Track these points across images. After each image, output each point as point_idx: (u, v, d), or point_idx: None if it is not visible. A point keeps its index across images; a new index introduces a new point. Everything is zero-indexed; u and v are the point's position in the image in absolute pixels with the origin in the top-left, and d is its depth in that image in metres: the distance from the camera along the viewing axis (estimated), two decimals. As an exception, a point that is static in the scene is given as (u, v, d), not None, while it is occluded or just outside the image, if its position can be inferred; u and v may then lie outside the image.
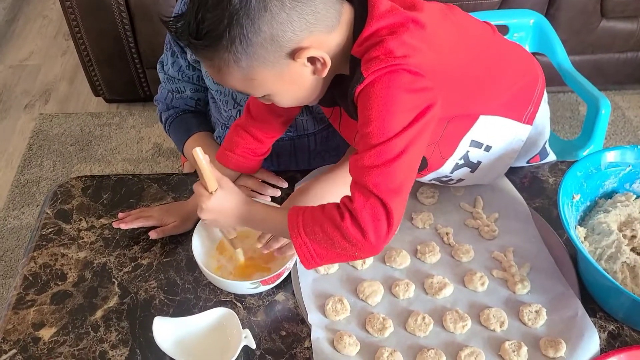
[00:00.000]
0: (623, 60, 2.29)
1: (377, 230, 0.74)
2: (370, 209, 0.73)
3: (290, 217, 0.79)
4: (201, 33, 0.71)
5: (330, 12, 0.75)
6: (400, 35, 0.75)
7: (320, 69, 0.77)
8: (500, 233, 1.03)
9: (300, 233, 0.77)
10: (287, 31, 0.72)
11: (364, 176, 0.74)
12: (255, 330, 0.89)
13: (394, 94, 0.74)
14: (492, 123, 0.97)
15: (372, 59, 0.74)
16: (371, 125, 0.75)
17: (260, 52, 0.73)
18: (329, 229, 0.75)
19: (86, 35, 2.14)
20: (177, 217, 1.02)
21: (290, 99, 0.83)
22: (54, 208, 1.08)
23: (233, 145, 1.02)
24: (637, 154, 1.00)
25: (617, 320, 0.91)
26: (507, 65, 0.97)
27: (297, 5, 0.71)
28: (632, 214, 0.98)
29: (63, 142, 2.29)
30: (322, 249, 0.77)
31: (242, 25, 0.70)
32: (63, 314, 0.92)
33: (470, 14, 0.95)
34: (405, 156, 0.75)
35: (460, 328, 0.89)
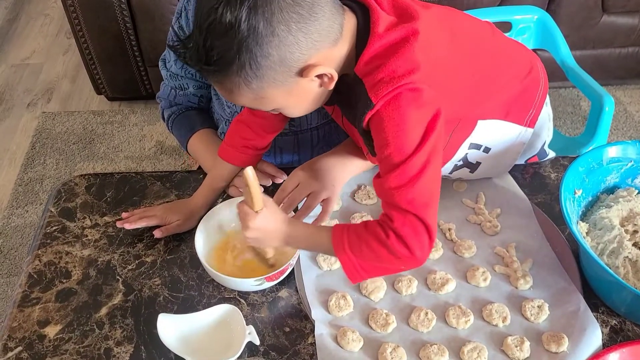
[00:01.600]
0: (624, 55, 2.29)
1: (421, 244, 0.78)
2: (410, 226, 0.77)
3: (334, 236, 0.82)
4: (211, 60, 0.72)
5: (333, 26, 0.76)
6: (402, 54, 0.76)
7: (327, 82, 0.79)
8: (503, 229, 1.03)
9: (346, 251, 0.80)
10: (294, 52, 0.73)
11: (395, 197, 0.78)
12: (259, 327, 0.90)
13: (404, 113, 0.77)
14: (492, 126, 0.98)
15: (378, 83, 0.76)
16: (389, 147, 0.77)
17: (270, 74, 0.74)
18: (376, 246, 0.79)
19: (88, 34, 2.14)
20: (181, 215, 1.03)
21: (299, 110, 0.85)
22: (58, 206, 1.08)
23: (234, 140, 1.03)
24: (638, 149, 1.00)
25: (619, 315, 0.91)
26: (507, 68, 0.98)
27: (302, 27, 0.72)
28: (634, 209, 0.98)
29: (66, 141, 2.30)
30: (368, 264, 0.81)
31: (252, 51, 0.71)
32: (68, 311, 0.92)
33: (471, 15, 0.96)
34: (429, 169, 0.78)
35: (463, 323, 0.90)
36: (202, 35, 0.71)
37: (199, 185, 1.07)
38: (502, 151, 1.03)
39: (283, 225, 0.86)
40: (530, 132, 1.03)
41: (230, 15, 0.69)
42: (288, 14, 0.70)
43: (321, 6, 0.73)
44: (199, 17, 0.72)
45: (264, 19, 0.69)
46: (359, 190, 1.10)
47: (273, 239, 0.87)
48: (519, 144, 1.04)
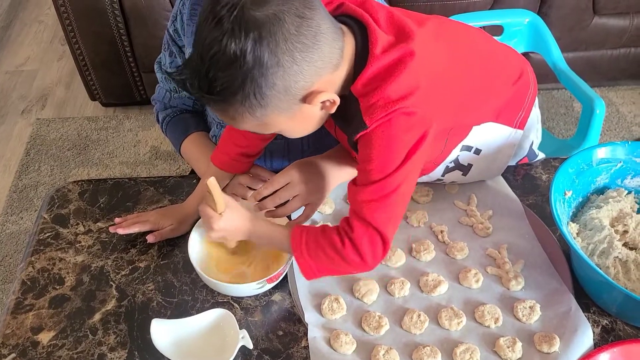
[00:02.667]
0: (616, 56, 2.30)
1: (374, 255, 0.83)
2: (368, 238, 0.81)
3: (293, 237, 0.86)
4: (214, 90, 0.72)
5: (334, 51, 0.76)
6: (397, 78, 0.78)
7: (329, 106, 0.80)
8: (494, 230, 1.04)
9: (303, 253, 0.85)
10: (299, 81, 0.73)
11: (363, 209, 0.81)
12: (252, 331, 0.90)
13: (393, 136, 0.79)
14: (483, 128, 0.99)
15: (373, 106, 0.78)
16: (372, 163, 0.80)
17: (274, 102, 0.74)
18: (331, 252, 0.83)
19: (82, 40, 2.15)
20: (174, 220, 1.03)
21: (301, 133, 0.86)
22: (51, 213, 1.09)
23: (228, 147, 1.03)
24: (627, 150, 1.01)
25: (611, 315, 0.92)
26: (499, 73, 0.99)
27: (306, 55, 0.72)
28: (623, 209, 0.99)
29: (60, 147, 2.30)
30: (323, 266, 0.86)
31: (257, 81, 0.71)
32: (61, 317, 0.92)
33: (463, 22, 0.97)
34: (401, 189, 0.81)
35: (455, 325, 0.90)
36: (204, 66, 0.71)
37: (192, 190, 1.08)
38: (493, 153, 1.04)
39: (246, 222, 0.90)
40: (520, 133, 1.04)
41: (235, 47, 0.68)
42: (292, 44, 0.70)
43: (323, 34, 0.73)
44: (200, 47, 0.71)
45: (269, 50, 0.69)
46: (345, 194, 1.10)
47: (237, 236, 0.92)
48: (510, 146, 1.05)
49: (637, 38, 2.27)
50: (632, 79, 2.49)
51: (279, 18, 0.69)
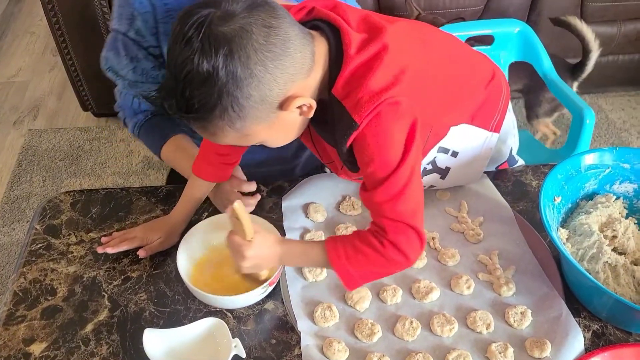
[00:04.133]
0: (605, 63, 2.33)
1: (414, 249, 0.83)
2: (402, 234, 0.81)
3: (329, 249, 0.85)
4: (192, 108, 0.73)
5: (306, 56, 0.77)
6: (377, 71, 0.78)
7: (306, 111, 0.80)
8: (485, 236, 1.05)
9: (343, 262, 0.84)
10: (274, 89, 0.74)
11: (384, 210, 0.81)
12: (245, 339, 0.90)
13: (386, 128, 0.79)
14: (460, 131, 1.01)
15: (359, 102, 0.78)
16: (373, 163, 0.80)
17: (252, 113, 0.75)
18: (373, 255, 0.82)
19: (73, 51, 2.15)
20: (162, 233, 1.03)
21: (283, 141, 0.86)
22: (43, 223, 1.08)
23: (209, 157, 1.03)
24: (615, 156, 1.02)
25: (601, 320, 0.92)
26: (472, 74, 1.01)
27: (278, 64, 0.73)
28: (612, 214, 1.00)
29: (52, 158, 2.29)
30: (365, 272, 0.85)
31: (233, 94, 0.71)
32: (53, 328, 0.92)
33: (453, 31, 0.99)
34: (413, 180, 0.81)
35: (447, 331, 0.90)
36: (179, 86, 0.71)
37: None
38: (470, 156, 1.06)
39: (277, 247, 0.88)
40: (496, 137, 1.06)
41: (207, 64, 0.69)
42: (263, 54, 0.71)
43: (292, 40, 0.74)
44: (173, 67, 0.72)
45: (240, 63, 0.70)
46: (343, 202, 1.11)
47: (270, 263, 0.90)
48: (487, 149, 1.07)
49: (625, 45, 2.30)
50: (621, 86, 2.52)
51: (246, 30, 0.70)
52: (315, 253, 0.87)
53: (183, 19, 0.71)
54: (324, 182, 1.14)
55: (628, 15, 2.22)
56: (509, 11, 2.15)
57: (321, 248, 0.86)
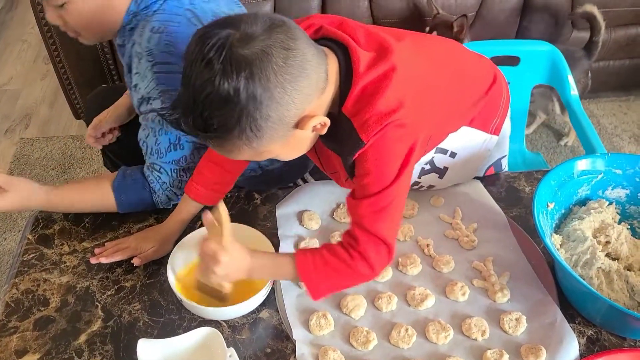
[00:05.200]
0: (596, 69, 2.34)
1: (381, 263, 0.87)
2: (374, 247, 0.85)
3: (299, 262, 0.87)
4: (210, 128, 0.73)
5: (320, 76, 0.78)
6: (385, 92, 0.80)
7: (320, 128, 0.81)
8: (480, 243, 1.05)
9: (312, 276, 0.86)
10: (291, 110, 0.75)
11: (364, 221, 0.84)
12: (240, 349, 0.90)
13: (388, 148, 0.82)
14: (459, 133, 1.02)
15: (366, 122, 0.80)
16: (369, 176, 0.83)
17: (269, 133, 0.75)
18: (341, 267, 0.86)
19: (66, 59, 2.14)
20: (155, 242, 1.02)
21: (295, 155, 0.87)
22: (35, 233, 1.08)
23: (207, 183, 1.03)
24: (607, 162, 1.02)
25: (595, 325, 0.93)
26: (475, 81, 1.02)
27: (296, 85, 0.73)
28: (605, 220, 1.01)
29: (44, 166, 2.28)
30: (331, 283, 0.88)
31: (252, 116, 0.72)
32: (46, 339, 0.91)
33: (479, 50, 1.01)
34: (399, 199, 0.85)
35: (442, 338, 0.90)
36: (198, 106, 0.71)
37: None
38: (468, 157, 1.07)
39: (248, 257, 0.89)
40: (495, 139, 1.08)
41: (229, 86, 0.69)
42: (282, 77, 0.71)
43: (309, 61, 0.75)
44: (192, 87, 0.71)
45: (261, 85, 0.70)
46: (337, 209, 1.11)
47: (239, 272, 0.89)
48: (485, 150, 1.09)
49: (615, 51, 2.32)
50: (613, 91, 2.53)
51: (267, 53, 0.70)
52: (284, 266, 0.89)
53: (202, 39, 0.71)
54: (319, 190, 1.14)
55: (618, 22, 2.23)
56: (500, 18, 2.16)
57: (290, 261, 0.87)
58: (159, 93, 0.98)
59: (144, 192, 1.06)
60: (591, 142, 1.51)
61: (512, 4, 2.15)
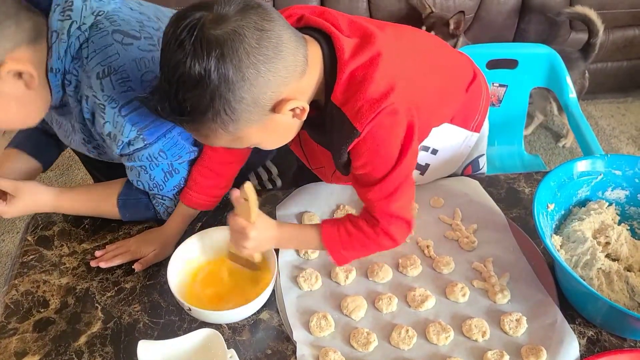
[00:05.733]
0: (593, 70, 2.35)
1: (403, 235, 0.92)
2: (395, 225, 0.89)
3: (325, 233, 0.91)
4: (185, 111, 0.73)
5: (298, 58, 0.77)
6: (373, 78, 0.79)
7: (299, 113, 0.80)
8: (480, 244, 1.05)
9: (338, 247, 0.91)
10: (267, 92, 0.74)
11: (377, 206, 0.87)
12: (241, 350, 0.90)
13: (384, 134, 0.81)
14: (441, 130, 1.03)
15: (359, 110, 0.79)
16: (370, 165, 0.85)
17: (245, 115, 0.75)
18: (366, 242, 0.90)
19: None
20: (156, 245, 1.02)
21: (276, 143, 0.87)
22: (35, 234, 1.07)
23: (197, 185, 1.03)
24: (607, 163, 1.03)
25: (596, 326, 0.93)
26: (456, 76, 1.03)
27: (270, 66, 0.73)
28: (605, 221, 1.01)
29: (43, 168, 2.27)
30: (355, 253, 0.94)
31: (225, 98, 0.71)
32: (46, 341, 0.91)
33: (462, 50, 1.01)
34: (408, 180, 0.87)
35: (443, 339, 0.90)
36: (172, 88, 0.71)
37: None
38: (449, 154, 1.09)
39: (275, 229, 0.92)
40: (476, 136, 1.09)
41: (199, 67, 0.69)
42: (255, 57, 0.71)
43: (285, 43, 0.74)
44: (166, 69, 0.72)
45: (232, 66, 0.70)
46: (337, 210, 1.11)
47: (268, 243, 0.94)
48: (466, 147, 1.10)
49: (613, 53, 2.33)
50: (610, 93, 2.54)
51: (239, 34, 0.70)
52: (311, 237, 0.93)
53: (176, 22, 0.71)
54: (318, 191, 1.14)
55: (615, 23, 2.25)
56: (498, 20, 2.17)
57: (316, 232, 0.92)
58: (137, 132, 0.94)
59: (148, 212, 1.07)
60: (589, 144, 1.51)
61: (510, 6, 2.16)
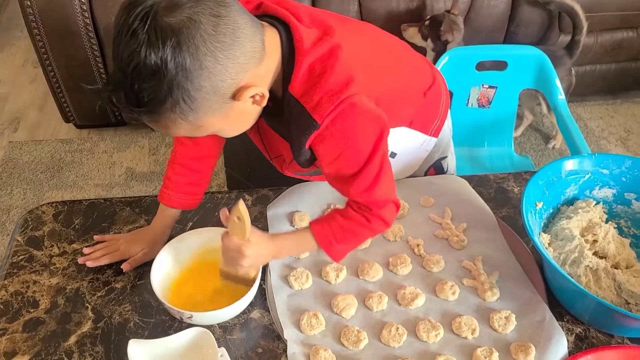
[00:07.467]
0: (582, 73, 2.37)
1: (393, 216, 0.92)
2: (384, 209, 0.89)
3: (317, 234, 0.90)
4: (142, 102, 0.70)
5: (256, 44, 0.76)
6: (333, 69, 0.79)
7: (259, 100, 0.79)
8: (469, 243, 1.06)
9: (333, 244, 0.91)
10: (226, 80, 0.73)
11: (362, 198, 0.87)
12: (232, 349, 0.90)
13: (351, 126, 0.80)
14: (400, 133, 1.04)
15: (319, 102, 0.78)
16: (341, 159, 0.83)
17: (204, 104, 0.73)
18: (360, 231, 0.91)
19: (55, 62, 2.14)
20: (145, 244, 1.02)
21: (236, 130, 0.86)
22: (25, 235, 1.07)
23: (172, 184, 1.02)
24: (594, 162, 1.04)
25: (584, 323, 0.94)
26: (415, 77, 1.03)
27: (228, 54, 0.71)
28: (592, 219, 1.02)
29: (33, 170, 2.27)
30: (351, 245, 0.94)
31: (183, 87, 0.70)
32: (36, 341, 0.91)
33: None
34: (384, 167, 0.86)
35: (433, 337, 0.91)
36: (127, 79, 0.69)
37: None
38: (407, 157, 1.11)
39: (270, 243, 0.92)
40: (434, 141, 1.11)
41: (155, 57, 0.67)
42: (212, 44, 0.69)
43: (242, 29, 0.72)
44: (120, 60, 0.69)
45: (189, 54, 0.68)
46: (328, 209, 1.12)
47: (265, 259, 0.94)
48: (423, 152, 1.12)
49: (602, 55, 2.35)
50: (599, 95, 2.57)
51: (194, 20, 0.68)
52: (306, 241, 0.92)
53: (127, 9, 0.68)
54: (309, 190, 1.14)
55: (604, 26, 2.27)
56: (488, 23, 2.19)
57: (310, 235, 0.91)
58: None
59: None
60: (577, 145, 1.53)
61: (500, 9, 2.17)
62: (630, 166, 1.03)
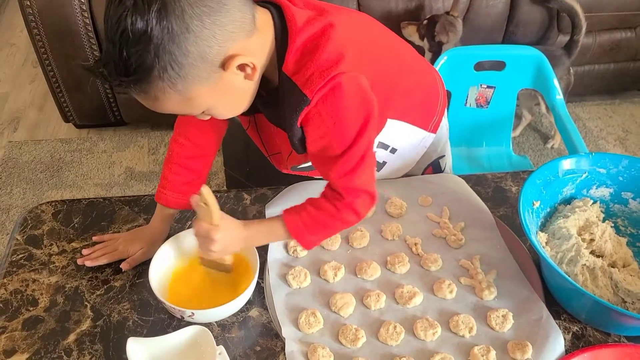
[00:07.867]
0: (581, 73, 2.38)
1: (366, 208, 0.91)
2: (358, 199, 0.88)
3: (289, 223, 0.90)
4: (130, 69, 0.71)
5: (246, 16, 0.76)
6: (326, 46, 0.79)
7: (250, 73, 0.79)
8: (467, 242, 1.06)
9: (304, 233, 0.90)
10: (213, 46, 0.73)
11: (341, 181, 0.86)
12: (230, 347, 0.90)
13: (341, 103, 0.80)
14: (400, 128, 1.05)
15: (310, 78, 0.79)
16: (327, 137, 0.83)
17: (193, 72, 0.73)
18: (329, 221, 0.90)
19: (54, 62, 2.14)
20: (144, 243, 1.02)
21: (228, 109, 0.86)
22: (24, 234, 1.07)
23: (169, 183, 1.02)
24: (591, 161, 1.04)
25: (581, 322, 0.94)
26: (413, 71, 1.04)
27: (216, 19, 0.72)
28: (589, 218, 1.02)
29: (33, 169, 2.27)
30: (322, 235, 0.94)
31: (170, 51, 0.70)
32: (35, 339, 0.91)
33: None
34: (368, 153, 0.86)
35: (430, 335, 0.91)
36: (116, 47, 0.69)
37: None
38: (406, 153, 1.11)
39: (241, 229, 0.91)
40: (432, 137, 1.11)
41: (141, 21, 0.68)
42: (199, 9, 0.70)
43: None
44: (108, 29, 0.70)
45: (175, 17, 0.69)
46: (326, 209, 1.12)
47: (236, 245, 0.93)
48: (422, 148, 1.12)
49: (600, 55, 2.36)
50: (598, 95, 2.57)
51: None
52: (277, 229, 0.91)
53: None
54: (307, 189, 1.15)
55: (602, 26, 2.27)
56: (486, 23, 2.19)
57: (282, 223, 0.90)
58: None
59: None
60: (575, 145, 1.53)
61: (498, 9, 2.18)
62: (627, 165, 1.04)
